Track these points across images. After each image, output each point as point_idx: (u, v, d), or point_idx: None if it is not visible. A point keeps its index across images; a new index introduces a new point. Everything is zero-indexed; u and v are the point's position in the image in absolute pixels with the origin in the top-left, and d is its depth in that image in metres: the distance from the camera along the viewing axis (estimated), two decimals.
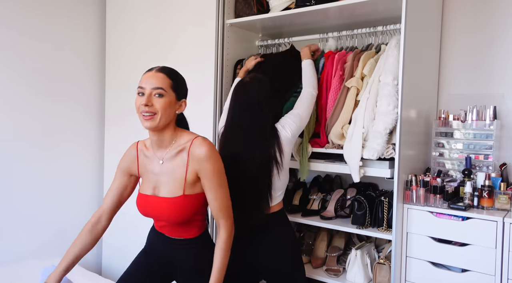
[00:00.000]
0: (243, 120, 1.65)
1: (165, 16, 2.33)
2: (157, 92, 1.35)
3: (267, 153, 1.62)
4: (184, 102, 1.45)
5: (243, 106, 1.65)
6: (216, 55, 2.14)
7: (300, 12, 1.96)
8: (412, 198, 1.74)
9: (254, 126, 1.63)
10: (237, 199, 1.56)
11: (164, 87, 1.35)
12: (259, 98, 1.64)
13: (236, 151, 1.64)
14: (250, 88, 1.67)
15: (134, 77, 2.52)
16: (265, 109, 1.63)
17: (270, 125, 1.66)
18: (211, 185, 1.40)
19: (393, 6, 1.82)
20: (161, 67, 1.42)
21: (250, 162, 1.62)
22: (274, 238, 1.68)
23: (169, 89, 1.37)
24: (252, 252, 1.68)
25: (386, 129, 1.70)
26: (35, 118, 2.42)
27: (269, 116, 1.65)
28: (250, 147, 1.62)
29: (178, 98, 1.41)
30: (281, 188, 1.72)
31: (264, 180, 1.62)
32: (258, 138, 1.63)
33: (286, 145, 1.67)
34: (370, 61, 1.85)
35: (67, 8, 2.55)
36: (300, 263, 1.77)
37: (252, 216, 1.63)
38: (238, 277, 1.70)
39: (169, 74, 1.40)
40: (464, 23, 2.09)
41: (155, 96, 1.35)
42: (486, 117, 1.84)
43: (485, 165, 1.83)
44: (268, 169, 1.63)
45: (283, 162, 1.66)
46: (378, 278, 1.84)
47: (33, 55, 2.39)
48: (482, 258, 1.58)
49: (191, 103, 2.27)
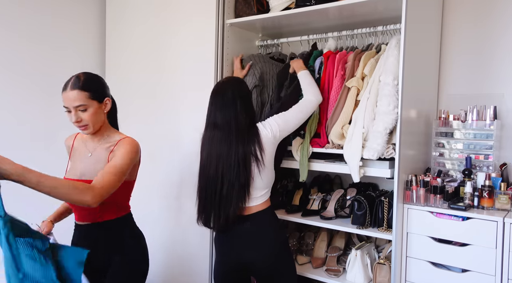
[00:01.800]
0: (218, 119, 1.68)
1: (165, 16, 2.33)
2: (80, 109, 1.49)
3: (245, 149, 1.65)
4: (107, 99, 1.57)
5: (219, 106, 1.70)
6: (216, 55, 2.14)
7: (300, 12, 1.96)
8: (412, 198, 1.74)
9: (228, 125, 1.66)
10: (214, 196, 1.66)
11: (83, 102, 1.48)
12: (234, 97, 1.68)
13: (214, 150, 1.68)
14: (227, 88, 1.73)
15: (134, 76, 2.53)
16: (239, 108, 1.68)
17: (246, 123, 1.68)
18: (110, 164, 1.46)
19: (393, 6, 1.82)
20: (72, 82, 1.49)
21: (225, 159, 1.65)
22: (258, 238, 1.70)
23: (88, 101, 1.49)
24: (239, 251, 1.70)
25: (386, 129, 1.70)
26: (35, 118, 2.41)
27: (244, 115, 1.68)
28: (224, 145, 1.66)
29: (101, 101, 1.54)
30: (263, 188, 1.72)
31: (239, 177, 1.64)
32: (232, 136, 1.66)
33: (266, 144, 1.69)
34: (371, 61, 1.85)
35: (67, 8, 2.55)
36: (288, 261, 1.78)
37: (226, 214, 1.65)
38: (228, 274, 1.76)
39: (82, 87, 1.48)
40: (464, 23, 2.09)
41: (80, 112, 1.49)
42: (486, 117, 1.83)
43: (485, 165, 1.83)
44: (246, 166, 1.65)
45: (264, 159, 1.68)
46: (378, 278, 1.84)
47: (34, 54, 2.39)
48: (482, 258, 1.58)
49: (191, 103, 2.29)
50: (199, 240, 2.17)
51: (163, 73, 2.35)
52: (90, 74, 1.56)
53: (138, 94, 2.48)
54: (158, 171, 2.38)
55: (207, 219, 1.72)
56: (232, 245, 1.72)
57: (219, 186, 1.66)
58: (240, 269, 1.74)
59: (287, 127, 1.77)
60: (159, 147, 2.38)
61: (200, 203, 1.73)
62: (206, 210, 1.71)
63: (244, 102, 1.70)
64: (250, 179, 1.66)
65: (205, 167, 1.70)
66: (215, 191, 1.66)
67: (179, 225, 2.28)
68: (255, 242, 1.69)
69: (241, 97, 1.70)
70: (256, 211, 1.70)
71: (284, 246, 1.77)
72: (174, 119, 2.31)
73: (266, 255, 1.69)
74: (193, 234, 2.19)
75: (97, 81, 1.57)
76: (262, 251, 1.69)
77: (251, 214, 1.70)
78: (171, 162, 2.31)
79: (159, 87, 2.37)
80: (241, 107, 1.68)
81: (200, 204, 1.73)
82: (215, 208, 1.67)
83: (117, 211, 1.61)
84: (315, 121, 1.95)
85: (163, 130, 2.35)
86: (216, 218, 1.68)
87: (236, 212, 1.65)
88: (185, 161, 2.24)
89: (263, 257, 1.69)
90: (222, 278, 1.78)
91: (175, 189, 2.29)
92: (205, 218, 1.72)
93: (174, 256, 2.32)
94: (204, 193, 1.71)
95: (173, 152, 2.29)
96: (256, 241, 1.69)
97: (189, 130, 2.22)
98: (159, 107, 2.37)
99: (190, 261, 2.24)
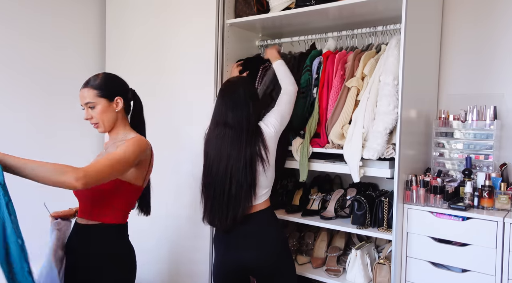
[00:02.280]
0: (229, 118, 1.68)
1: (165, 16, 2.33)
2: (89, 106, 1.53)
3: (251, 150, 1.65)
4: (119, 98, 1.57)
5: (230, 105, 1.69)
6: (216, 55, 2.14)
7: (300, 12, 1.96)
8: (412, 198, 1.74)
9: (240, 125, 1.66)
10: (222, 196, 1.65)
11: (91, 100, 1.52)
12: (246, 98, 1.69)
13: (221, 149, 1.67)
14: (238, 87, 1.72)
15: (134, 76, 2.52)
16: (251, 109, 1.69)
17: (255, 124, 1.70)
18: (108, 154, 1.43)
19: (393, 6, 1.82)
20: (86, 81, 1.56)
21: (234, 160, 1.65)
22: (259, 237, 1.70)
23: (97, 99, 1.52)
24: (239, 250, 1.70)
25: (386, 129, 1.70)
26: (36, 117, 2.41)
27: (255, 115, 1.70)
28: (235, 145, 1.66)
29: (111, 100, 1.55)
30: (267, 186, 1.73)
31: (247, 178, 1.64)
32: (243, 136, 1.66)
33: (270, 142, 1.71)
34: (371, 61, 1.85)
35: (67, 7, 2.55)
36: (288, 260, 1.78)
37: (234, 214, 1.65)
38: (228, 274, 1.75)
39: (92, 85, 1.53)
40: (464, 23, 2.09)
41: (90, 109, 1.54)
42: (486, 117, 1.83)
43: (485, 165, 1.83)
44: (252, 166, 1.65)
45: (268, 158, 1.69)
46: (378, 278, 1.84)
47: (34, 53, 2.39)
48: (482, 258, 1.58)
49: (191, 103, 2.29)
50: (199, 241, 2.17)
51: (163, 73, 2.35)
52: (106, 74, 1.60)
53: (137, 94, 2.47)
54: (158, 171, 2.37)
55: (213, 218, 1.70)
56: (232, 244, 1.72)
57: (227, 186, 1.64)
58: (240, 269, 1.73)
59: (284, 121, 1.80)
60: (158, 147, 2.37)
61: (207, 201, 1.72)
62: (214, 209, 1.68)
63: (255, 103, 1.72)
64: (256, 178, 1.66)
65: (213, 165, 1.69)
66: (223, 191, 1.65)
67: (178, 225, 2.28)
68: (255, 241, 1.69)
69: (252, 98, 1.71)
70: (257, 210, 1.70)
71: (284, 245, 1.78)
72: (174, 119, 2.31)
73: (267, 255, 1.69)
74: (193, 234, 2.19)
75: (110, 80, 1.58)
76: (263, 250, 1.69)
77: (252, 213, 1.69)
78: (170, 163, 2.31)
79: (159, 87, 2.37)
80: (253, 108, 1.69)
81: (208, 202, 1.71)
82: (223, 207, 1.65)
83: (111, 215, 1.52)
84: (315, 121, 1.95)
85: (162, 130, 2.35)
86: (223, 218, 1.66)
87: (244, 212, 1.64)
88: (185, 163, 2.24)
89: (264, 257, 1.69)
90: (222, 278, 1.77)
91: (174, 190, 2.29)
92: (212, 217, 1.70)
93: (174, 256, 2.32)
94: (212, 192, 1.68)
95: (173, 152, 2.29)
96: (256, 241, 1.69)
97: (189, 130, 2.22)
98: (159, 107, 2.37)
99: (190, 261, 2.24)
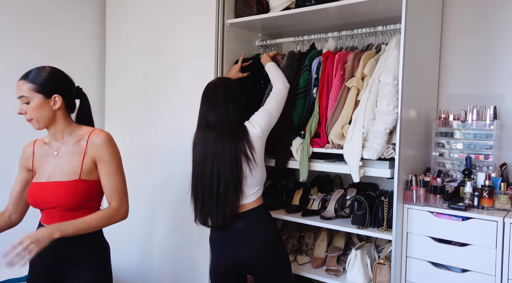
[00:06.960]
0: (210, 119, 1.71)
1: (165, 16, 2.33)
2: (23, 101, 1.42)
3: (236, 148, 1.67)
4: (57, 96, 1.45)
5: (211, 106, 1.73)
6: (216, 55, 2.14)
7: (300, 12, 1.96)
8: (412, 198, 1.74)
9: (221, 124, 1.69)
10: (211, 196, 1.68)
11: (25, 94, 1.40)
12: (225, 97, 1.72)
13: (206, 150, 1.70)
14: (216, 88, 1.76)
15: (133, 76, 2.53)
16: (231, 108, 1.71)
17: (237, 123, 1.71)
18: (107, 170, 1.46)
19: (393, 6, 1.82)
20: (26, 72, 1.44)
21: (220, 157, 1.67)
22: (251, 234, 1.71)
23: (32, 93, 1.41)
24: (235, 249, 1.72)
25: (386, 129, 1.70)
26: None
27: (235, 115, 1.72)
28: (218, 144, 1.68)
29: (48, 96, 1.43)
30: (255, 185, 1.74)
31: (233, 176, 1.67)
32: (225, 135, 1.68)
33: (256, 142, 1.73)
34: (371, 61, 1.85)
35: (67, 7, 2.55)
36: (283, 256, 1.78)
37: (224, 213, 1.67)
38: (225, 272, 1.76)
39: (30, 79, 1.42)
40: (464, 23, 2.09)
41: (24, 104, 1.42)
42: (486, 117, 1.83)
43: (485, 165, 1.83)
44: (238, 164, 1.67)
45: (255, 157, 1.71)
46: (378, 278, 1.84)
47: (34, 52, 2.39)
48: (482, 258, 1.58)
49: (191, 103, 2.29)
50: (199, 241, 2.17)
51: (163, 73, 2.35)
52: (51, 68, 1.47)
53: (137, 94, 2.48)
54: (157, 172, 2.38)
55: (205, 218, 1.73)
56: (227, 243, 1.73)
57: (215, 185, 1.68)
58: (236, 267, 1.75)
59: (271, 121, 1.81)
60: (157, 147, 2.38)
61: (197, 202, 1.75)
62: (204, 209, 1.72)
63: (235, 102, 1.74)
64: (242, 177, 1.69)
65: (200, 166, 1.72)
66: (212, 190, 1.68)
67: (178, 226, 2.28)
68: (249, 239, 1.71)
69: (232, 98, 1.73)
70: (249, 208, 1.73)
71: (276, 241, 1.78)
72: (174, 119, 2.31)
73: (259, 251, 1.71)
74: (193, 234, 2.19)
75: (52, 75, 1.46)
76: (255, 247, 1.71)
77: (244, 211, 1.72)
78: (169, 163, 2.31)
79: (159, 87, 2.37)
80: (233, 107, 1.71)
81: (197, 203, 1.74)
82: (213, 207, 1.69)
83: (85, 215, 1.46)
84: (315, 121, 1.95)
85: (162, 130, 2.36)
86: (214, 217, 1.70)
87: (233, 211, 1.68)
88: (184, 163, 2.21)
89: (256, 253, 1.71)
90: (218, 276, 1.78)
91: (174, 191, 2.29)
92: (203, 217, 1.73)
93: (174, 257, 2.32)
94: (201, 192, 1.72)
95: (172, 153, 2.29)
96: (250, 238, 1.71)
97: (189, 130, 2.21)
98: (159, 107, 2.37)
99: (190, 261, 2.24)
